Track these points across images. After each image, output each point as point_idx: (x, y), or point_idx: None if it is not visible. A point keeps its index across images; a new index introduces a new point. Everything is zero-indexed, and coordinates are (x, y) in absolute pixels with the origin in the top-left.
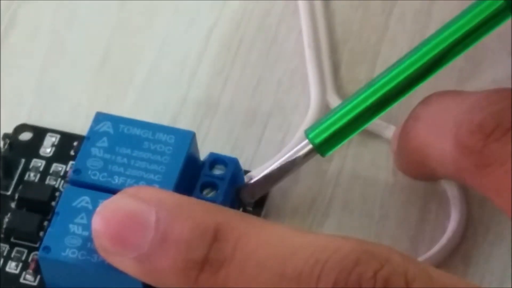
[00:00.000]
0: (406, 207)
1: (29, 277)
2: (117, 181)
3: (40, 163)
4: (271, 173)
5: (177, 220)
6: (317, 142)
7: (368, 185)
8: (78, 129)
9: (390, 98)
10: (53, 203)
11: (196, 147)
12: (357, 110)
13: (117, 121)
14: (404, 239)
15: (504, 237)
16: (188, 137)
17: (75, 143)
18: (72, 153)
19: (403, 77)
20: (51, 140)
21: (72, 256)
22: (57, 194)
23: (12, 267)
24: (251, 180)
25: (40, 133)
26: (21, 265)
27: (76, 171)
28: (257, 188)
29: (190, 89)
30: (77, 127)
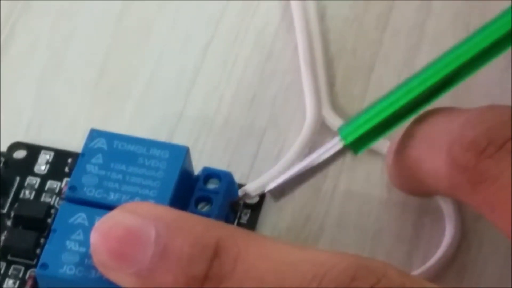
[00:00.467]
0: (400, 223)
1: None
2: (113, 197)
3: (35, 181)
4: (301, 172)
5: (177, 235)
6: (350, 140)
7: (362, 200)
8: (75, 145)
9: (427, 97)
10: (49, 220)
11: (190, 161)
12: (393, 108)
13: (111, 137)
14: (399, 254)
15: (498, 251)
16: (182, 152)
17: (69, 160)
18: (66, 170)
19: (441, 76)
20: (46, 157)
21: (69, 272)
22: (52, 211)
23: (9, 285)
24: (279, 178)
25: (34, 151)
26: (18, 282)
27: (71, 188)
28: (287, 186)
29: (186, 105)
30: (74, 143)
